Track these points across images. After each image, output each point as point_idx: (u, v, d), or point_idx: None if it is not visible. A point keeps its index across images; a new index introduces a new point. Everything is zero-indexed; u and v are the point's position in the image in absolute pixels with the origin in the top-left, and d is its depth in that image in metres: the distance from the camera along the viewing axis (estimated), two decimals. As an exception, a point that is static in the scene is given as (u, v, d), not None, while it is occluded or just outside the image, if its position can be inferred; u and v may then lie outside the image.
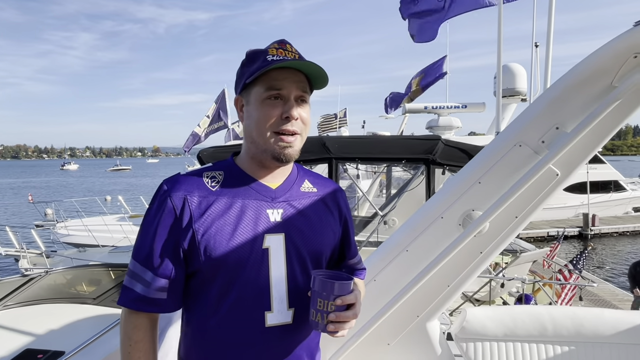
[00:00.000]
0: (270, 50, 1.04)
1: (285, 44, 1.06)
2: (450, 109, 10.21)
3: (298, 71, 1.04)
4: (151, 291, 1.03)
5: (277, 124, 1.03)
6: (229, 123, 11.12)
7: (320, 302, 0.97)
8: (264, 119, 1.03)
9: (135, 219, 12.06)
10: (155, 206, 1.06)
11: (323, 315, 0.97)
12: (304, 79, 1.06)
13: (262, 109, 1.04)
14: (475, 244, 1.93)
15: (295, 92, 1.04)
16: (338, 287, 0.97)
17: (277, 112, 1.03)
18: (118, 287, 3.05)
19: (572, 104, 1.70)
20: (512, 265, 5.41)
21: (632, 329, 2.07)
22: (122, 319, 1.07)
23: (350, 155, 3.68)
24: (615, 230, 19.15)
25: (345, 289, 0.98)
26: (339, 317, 0.97)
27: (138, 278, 1.04)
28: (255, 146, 1.08)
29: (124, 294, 1.06)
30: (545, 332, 2.11)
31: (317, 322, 0.98)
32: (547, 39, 2.99)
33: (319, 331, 1.00)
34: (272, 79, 1.03)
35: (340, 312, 0.97)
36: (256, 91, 1.05)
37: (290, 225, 1.07)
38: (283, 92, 1.03)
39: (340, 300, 0.97)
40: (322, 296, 0.97)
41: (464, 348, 2.16)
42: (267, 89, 1.03)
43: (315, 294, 0.98)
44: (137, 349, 1.04)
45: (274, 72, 1.03)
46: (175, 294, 1.06)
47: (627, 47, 1.50)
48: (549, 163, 1.72)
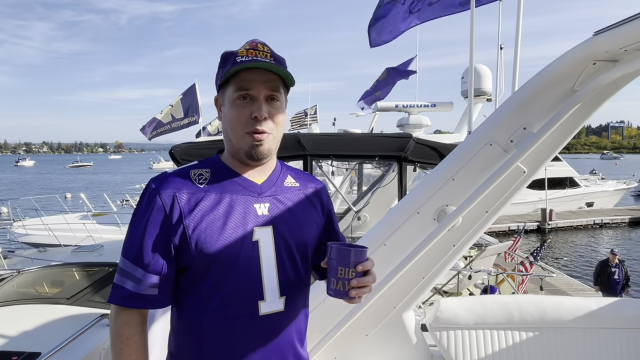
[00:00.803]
0: (241, 52, 1.07)
1: (256, 44, 1.09)
2: (420, 107, 10.52)
3: (268, 71, 1.07)
4: (142, 288, 1.05)
5: (246, 124, 1.07)
6: (200, 119, 10.90)
7: (342, 270, 1.01)
8: (235, 119, 1.07)
9: (99, 217, 11.64)
10: (144, 204, 1.08)
11: (344, 283, 1.02)
12: (274, 78, 1.08)
13: (233, 110, 1.08)
14: (449, 238, 2.03)
15: (264, 91, 1.06)
16: (357, 254, 1.02)
17: (246, 112, 1.06)
18: (93, 286, 2.98)
19: (538, 106, 1.83)
20: (479, 258, 5.67)
21: (589, 314, 2.24)
22: (112, 316, 1.08)
23: (325, 152, 3.74)
24: (570, 224, 20.27)
25: (363, 256, 1.04)
26: (361, 282, 1.02)
27: (128, 275, 1.05)
28: (231, 145, 1.13)
29: (114, 291, 1.07)
30: (512, 319, 2.25)
31: (339, 290, 1.02)
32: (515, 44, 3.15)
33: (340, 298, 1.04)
34: (241, 79, 1.06)
35: (361, 278, 1.03)
36: (228, 92, 1.09)
37: (277, 218, 1.12)
38: (251, 92, 1.06)
39: (361, 266, 1.02)
40: (343, 264, 1.02)
41: (437, 337, 2.27)
42: (237, 90, 1.07)
43: (336, 263, 1.03)
44: (129, 345, 1.05)
45: (243, 72, 1.06)
46: (167, 290, 1.08)
47: (587, 54, 1.63)
48: (517, 161, 1.84)
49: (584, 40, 1.61)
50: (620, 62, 1.58)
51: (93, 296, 2.89)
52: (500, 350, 2.24)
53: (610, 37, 1.48)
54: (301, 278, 1.16)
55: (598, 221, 20.87)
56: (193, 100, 10.95)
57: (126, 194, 20.06)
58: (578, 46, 1.64)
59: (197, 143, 4.19)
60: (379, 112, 11.33)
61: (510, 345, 2.24)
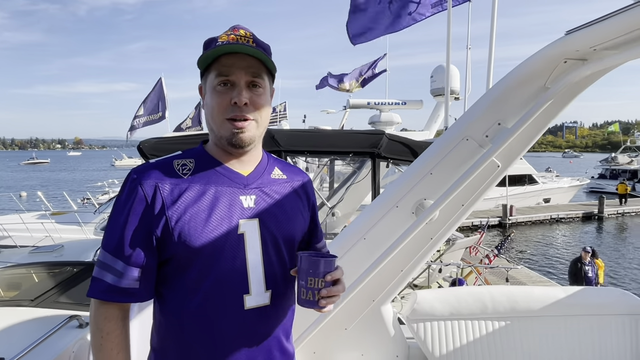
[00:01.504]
0: (221, 37, 1.04)
1: (238, 29, 1.06)
2: (391, 105, 10.71)
3: (249, 56, 1.03)
4: (123, 281, 1.01)
5: (227, 110, 1.03)
6: (167, 114, 10.59)
7: (311, 280, 1.01)
8: (215, 106, 1.04)
9: (58, 216, 11.10)
10: (124, 195, 1.04)
11: (314, 292, 1.01)
12: (255, 64, 1.04)
13: (214, 96, 1.04)
14: (426, 231, 2.07)
15: (244, 77, 1.03)
16: (326, 264, 1.02)
17: (227, 98, 1.03)
18: (59, 287, 2.83)
19: (511, 102, 1.89)
20: (448, 251, 5.84)
21: (556, 302, 2.35)
22: (91, 311, 1.04)
23: (299, 148, 3.73)
24: (529, 219, 21.23)
25: (331, 266, 1.04)
26: (330, 292, 1.02)
27: (108, 268, 1.01)
28: (213, 134, 1.09)
29: (93, 285, 1.02)
30: (485, 309, 2.32)
31: (309, 300, 1.02)
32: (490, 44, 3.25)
33: (309, 308, 1.04)
34: (221, 65, 1.03)
35: (331, 287, 1.02)
36: (210, 78, 1.06)
37: (263, 210, 1.09)
38: (231, 77, 1.02)
39: (329, 276, 1.02)
40: (312, 274, 1.01)
41: (414, 329, 2.31)
42: (217, 76, 1.03)
43: (305, 273, 1.02)
44: (109, 340, 1.01)
45: (224, 58, 1.02)
46: (148, 283, 1.04)
47: (559, 53, 1.69)
48: (492, 156, 1.90)
49: (556, 39, 1.67)
50: (589, 61, 1.66)
51: (59, 297, 2.74)
52: (474, 339, 2.31)
53: (580, 36, 1.55)
54: (287, 272, 1.14)
55: (554, 216, 21.97)
56: (160, 95, 10.62)
57: (87, 192, 19.21)
58: (550, 45, 1.70)
59: (167, 138, 4.07)
60: (351, 108, 11.44)
61: (483, 335, 2.31)
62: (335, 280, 1.05)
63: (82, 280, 2.87)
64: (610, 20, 1.41)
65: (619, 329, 2.37)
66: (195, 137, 4.18)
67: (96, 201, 14.86)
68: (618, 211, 23.48)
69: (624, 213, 23.64)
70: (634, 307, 2.40)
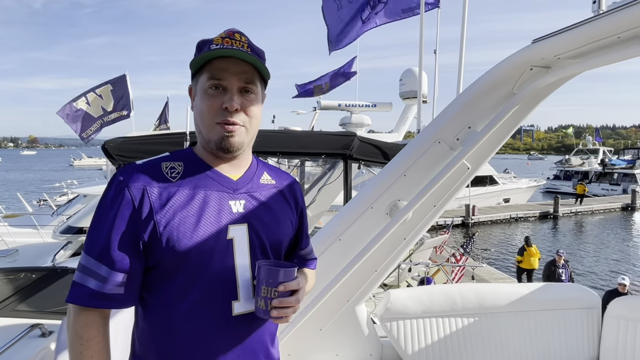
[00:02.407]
0: (216, 40, 1.03)
1: (233, 33, 1.05)
2: (362, 107, 10.86)
3: (243, 62, 1.02)
4: (107, 286, 0.97)
5: (217, 114, 1.02)
6: (132, 113, 10.19)
7: (265, 290, 1.00)
8: (205, 109, 1.03)
9: (12, 219, 10.48)
10: (110, 197, 1.00)
11: (267, 302, 1.00)
12: (249, 70, 1.04)
13: (204, 100, 1.03)
14: (400, 231, 2.11)
15: (237, 83, 1.02)
16: (283, 274, 1.01)
17: (218, 102, 1.02)
18: (18, 294, 2.66)
19: (481, 107, 1.96)
20: (417, 251, 5.98)
21: (520, 298, 2.46)
22: (70, 317, 0.99)
23: (272, 149, 3.71)
24: (490, 219, 22.06)
25: (289, 276, 1.02)
26: (282, 303, 1.00)
27: (91, 273, 0.98)
28: (202, 137, 1.07)
29: (74, 291, 0.98)
30: (455, 307, 2.40)
31: (262, 309, 1.01)
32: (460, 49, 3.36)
33: (264, 318, 1.03)
34: (214, 68, 1.02)
35: (284, 298, 1.01)
36: (201, 81, 1.05)
37: (252, 216, 1.08)
38: (223, 82, 1.02)
39: (283, 286, 1.00)
40: (267, 284, 1.00)
41: (388, 328, 2.35)
42: (209, 79, 1.02)
43: (260, 282, 1.01)
44: (90, 347, 0.97)
45: (217, 61, 1.01)
46: (133, 289, 1.01)
47: (525, 60, 1.78)
48: (463, 158, 1.96)
49: (523, 47, 1.76)
50: (553, 69, 1.75)
51: (18, 305, 2.58)
52: (445, 336, 2.38)
53: (546, 45, 1.63)
54: None
55: (514, 215, 22.94)
56: (124, 92, 10.22)
57: (44, 193, 18.25)
58: (517, 52, 1.78)
59: (133, 138, 3.93)
60: (321, 110, 11.50)
61: (454, 331, 2.39)
62: (293, 291, 1.03)
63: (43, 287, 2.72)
64: (572, 31, 1.50)
65: (577, 322, 2.52)
66: (163, 137, 4.07)
67: (54, 203, 14.15)
68: (571, 210, 24.81)
69: (577, 212, 25.01)
70: (591, 302, 2.56)
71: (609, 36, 1.43)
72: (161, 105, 14.84)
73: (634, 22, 1.32)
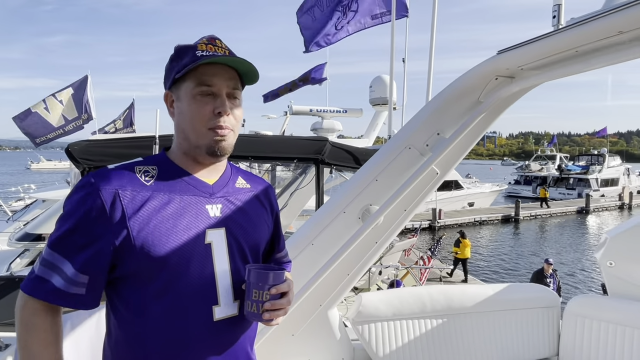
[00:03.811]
0: (200, 46, 1.04)
1: (214, 39, 1.07)
2: (333, 112, 10.96)
3: (229, 67, 1.05)
4: (69, 285, 0.95)
5: (210, 119, 1.03)
6: (94, 115, 9.81)
7: (256, 293, 1.01)
8: (197, 115, 1.03)
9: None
10: (79, 198, 0.97)
11: (259, 305, 1.01)
12: (235, 76, 1.06)
13: (194, 105, 1.03)
14: (372, 235, 2.14)
15: (226, 88, 1.04)
16: (273, 277, 1.02)
17: (209, 108, 1.03)
18: None
19: (449, 114, 2.03)
20: (387, 254, 6.07)
21: (486, 299, 2.55)
22: (19, 307, 0.97)
23: (243, 153, 3.68)
24: (456, 222, 22.72)
25: (279, 279, 1.04)
26: (274, 305, 1.02)
27: (55, 269, 0.95)
28: (188, 142, 1.06)
29: (37, 284, 0.95)
30: (424, 308, 2.45)
31: (253, 312, 1.02)
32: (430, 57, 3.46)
33: (255, 321, 1.04)
34: (203, 74, 1.03)
35: (275, 300, 1.02)
36: (186, 87, 1.04)
37: (229, 219, 1.08)
38: (214, 88, 1.03)
39: (275, 289, 1.02)
40: (258, 287, 1.01)
41: (359, 331, 2.37)
42: (198, 85, 1.03)
43: (251, 286, 1.02)
44: (36, 335, 0.94)
45: (204, 67, 1.03)
46: (96, 292, 0.99)
47: (491, 70, 1.86)
48: (432, 164, 2.02)
49: (489, 57, 1.83)
50: (517, 79, 1.84)
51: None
52: (415, 337, 2.43)
53: (510, 56, 1.71)
54: None
55: (478, 219, 23.73)
56: (84, 95, 9.81)
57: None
58: (484, 62, 1.86)
59: (98, 141, 3.79)
60: (293, 115, 11.51)
61: (423, 332, 2.44)
62: (283, 293, 1.05)
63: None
64: (535, 44, 1.58)
65: (539, 320, 2.63)
66: (131, 140, 3.95)
67: (9, 208, 13.39)
68: (531, 214, 25.94)
69: (537, 215, 26.17)
70: (551, 301, 2.68)
71: (567, 50, 1.52)
72: (123, 106, 14.37)
73: (590, 38, 1.41)
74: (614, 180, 35.90)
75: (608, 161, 36.97)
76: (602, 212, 29.39)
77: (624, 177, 36.93)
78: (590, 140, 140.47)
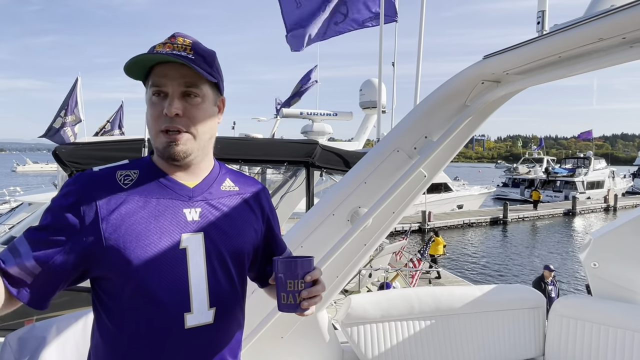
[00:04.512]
0: (158, 46, 1.00)
1: (176, 37, 1.01)
2: (323, 116, 11.02)
3: (183, 65, 0.98)
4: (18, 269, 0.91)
5: (159, 122, 0.99)
6: (82, 116, 9.70)
7: (291, 283, 1.00)
8: (150, 118, 1.01)
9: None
10: (58, 198, 0.98)
11: (295, 296, 1.00)
12: (190, 73, 0.99)
13: (149, 107, 1.02)
14: (361, 238, 2.16)
15: (177, 87, 0.99)
16: (303, 265, 1.01)
17: (160, 108, 0.99)
18: None
19: (436, 118, 2.06)
20: (377, 257, 6.09)
21: (474, 300, 2.58)
22: None
23: (234, 156, 3.67)
24: (445, 224, 22.89)
25: (310, 266, 1.02)
26: (311, 292, 1.00)
27: (15, 251, 0.93)
28: (153, 145, 1.05)
29: None
30: (413, 310, 2.47)
31: (290, 304, 1.01)
32: (417, 62, 3.49)
33: (292, 312, 1.02)
34: (155, 75, 1.00)
35: (311, 288, 1.01)
36: (147, 91, 1.03)
37: (209, 224, 1.05)
38: (164, 88, 0.99)
39: (309, 276, 1.01)
40: (292, 277, 1.00)
41: (348, 333, 2.38)
42: (151, 86, 1.01)
43: (284, 277, 1.01)
44: None
45: (158, 68, 0.99)
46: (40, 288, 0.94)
47: (477, 75, 1.89)
48: (420, 166, 2.04)
49: (475, 62, 1.87)
50: (503, 83, 1.87)
51: None
52: (404, 339, 2.45)
53: (496, 61, 1.75)
54: (235, 288, 1.08)
55: (467, 221, 23.94)
56: (72, 96, 9.72)
57: (-19, 201, 16.90)
58: (470, 67, 1.89)
59: (85, 144, 3.75)
60: (283, 118, 11.53)
61: (412, 334, 2.46)
62: (315, 280, 1.03)
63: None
64: (520, 49, 1.61)
65: (525, 320, 2.67)
66: (119, 143, 3.92)
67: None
68: (519, 216, 26.26)
69: (524, 217, 26.50)
70: (537, 301, 2.72)
71: (551, 55, 1.55)
72: (113, 109, 14.20)
73: (572, 44, 1.45)
74: (599, 183, 36.55)
75: (594, 164, 37.64)
76: (588, 214, 29.89)
77: (609, 179, 37.62)
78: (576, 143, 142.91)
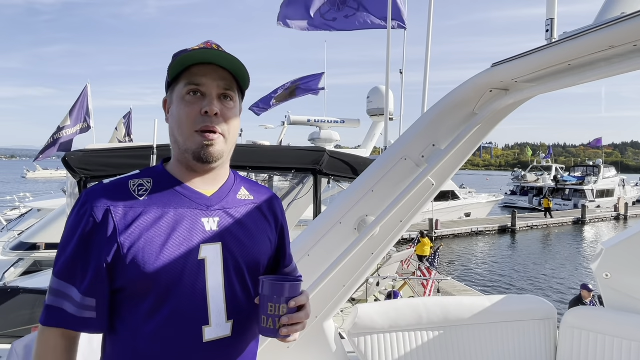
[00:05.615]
0: (193, 49, 1.02)
1: (211, 44, 1.03)
2: (330, 123, 11.07)
3: (222, 68, 1.01)
4: (81, 310, 0.95)
5: (196, 120, 0.98)
6: (91, 123, 9.81)
7: (272, 307, 0.95)
8: (183, 116, 0.99)
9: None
10: (73, 219, 0.97)
11: (275, 320, 0.94)
12: (227, 77, 1.02)
13: (182, 106, 1.00)
14: (368, 246, 2.14)
15: (216, 89, 1.00)
16: (289, 289, 0.96)
17: (196, 108, 0.99)
18: None
19: (444, 126, 2.05)
20: (385, 265, 6.05)
21: (483, 311, 2.54)
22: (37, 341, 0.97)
23: (242, 163, 3.68)
24: (452, 232, 22.72)
25: (296, 291, 0.97)
26: (292, 319, 0.96)
27: (64, 296, 0.95)
28: (177, 147, 1.02)
29: (50, 314, 0.95)
30: (421, 320, 2.44)
31: (269, 328, 0.95)
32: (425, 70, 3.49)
33: (271, 337, 0.96)
34: (192, 74, 1.00)
35: (293, 314, 0.96)
36: (178, 89, 1.02)
37: (227, 234, 1.03)
38: (202, 87, 0.99)
39: (293, 302, 0.96)
40: (273, 300, 0.95)
41: (355, 343, 2.35)
42: (187, 85, 1.00)
43: (266, 299, 0.96)
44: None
45: (195, 68, 1.00)
46: (104, 313, 0.98)
47: (485, 83, 1.88)
48: (428, 175, 2.03)
49: (484, 70, 1.86)
50: (511, 91, 1.86)
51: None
52: (411, 350, 2.41)
53: (505, 69, 1.73)
54: (251, 299, 1.06)
55: (475, 229, 23.72)
56: (82, 103, 9.83)
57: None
58: (478, 75, 1.88)
59: (96, 150, 3.78)
60: (290, 125, 11.60)
61: (419, 345, 2.42)
62: (301, 306, 0.99)
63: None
64: (528, 57, 1.60)
65: (536, 332, 2.62)
66: (128, 150, 3.95)
67: (4, 217, 13.30)
68: (528, 224, 25.98)
69: (533, 226, 26.21)
70: (548, 312, 2.67)
71: (561, 63, 1.54)
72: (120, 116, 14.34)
73: (582, 51, 1.43)
74: (609, 191, 36.10)
75: (603, 172, 37.21)
76: (598, 222, 29.50)
77: (620, 188, 37.15)
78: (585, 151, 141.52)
